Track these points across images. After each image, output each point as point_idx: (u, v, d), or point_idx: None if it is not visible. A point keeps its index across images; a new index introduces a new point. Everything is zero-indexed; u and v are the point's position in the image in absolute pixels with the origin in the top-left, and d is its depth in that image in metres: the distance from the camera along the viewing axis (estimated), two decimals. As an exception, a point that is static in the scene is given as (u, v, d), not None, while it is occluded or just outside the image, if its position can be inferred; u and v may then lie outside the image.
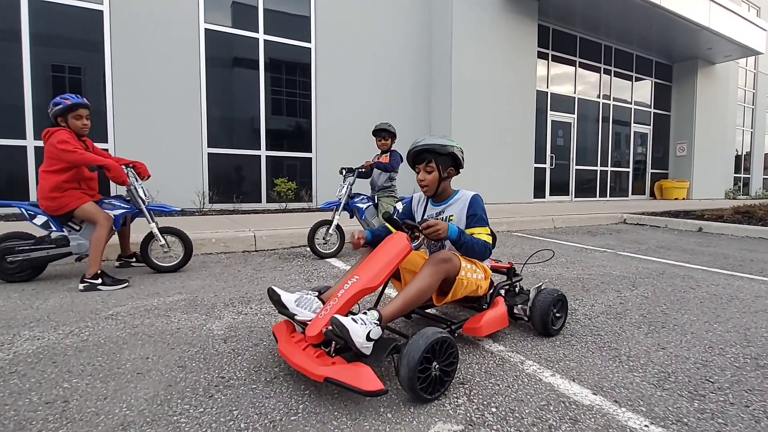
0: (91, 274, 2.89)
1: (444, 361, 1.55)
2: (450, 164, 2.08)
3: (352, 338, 1.47)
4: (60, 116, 2.99)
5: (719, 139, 15.17)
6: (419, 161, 2.05)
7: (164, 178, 6.73)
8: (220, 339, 2.08)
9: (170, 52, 6.91)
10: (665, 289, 3.14)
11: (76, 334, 2.11)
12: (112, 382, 1.64)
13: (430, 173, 2.04)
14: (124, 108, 6.62)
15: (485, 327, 1.97)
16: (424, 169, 2.04)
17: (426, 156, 2.01)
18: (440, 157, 2.03)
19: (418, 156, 2.04)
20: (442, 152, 2.02)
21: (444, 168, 2.06)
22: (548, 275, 3.51)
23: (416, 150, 2.03)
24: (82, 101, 3.03)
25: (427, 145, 2.00)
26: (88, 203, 3.04)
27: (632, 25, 11.44)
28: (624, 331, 2.27)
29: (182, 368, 1.76)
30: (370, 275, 1.73)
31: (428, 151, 2.01)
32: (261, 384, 1.63)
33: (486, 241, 1.99)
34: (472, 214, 2.05)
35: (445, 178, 2.09)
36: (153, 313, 2.45)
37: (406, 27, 9.08)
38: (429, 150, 2.01)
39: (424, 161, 2.02)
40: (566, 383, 1.69)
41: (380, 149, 4.51)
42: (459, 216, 2.06)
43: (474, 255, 1.96)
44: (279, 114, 8.10)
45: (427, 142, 2.01)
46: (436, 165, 2.03)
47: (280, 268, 3.69)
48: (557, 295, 2.16)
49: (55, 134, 2.91)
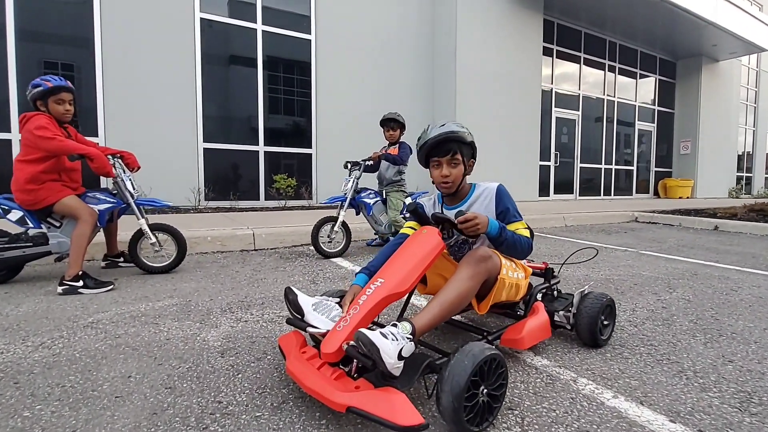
0: (71, 276, 2.58)
1: (493, 384, 1.26)
2: (471, 156, 1.77)
3: (383, 359, 1.17)
4: (39, 100, 2.68)
5: (723, 137, 14.97)
6: (441, 153, 1.66)
7: (157, 174, 6.41)
8: (217, 352, 1.78)
9: (163, 42, 6.58)
10: (705, 292, 2.86)
11: (47, 347, 1.81)
12: (84, 409, 1.34)
13: (456, 167, 1.69)
14: (114, 100, 6.29)
15: (527, 338, 1.68)
16: (448, 162, 1.68)
17: (451, 146, 1.65)
18: (464, 146, 1.70)
19: (440, 147, 1.66)
20: (467, 141, 1.70)
21: (467, 160, 1.75)
22: (574, 276, 3.23)
23: (439, 139, 1.64)
24: (65, 84, 2.72)
25: (452, 132, 1.65)
26: (69, 197, 2.73)
27: (637, 20, 11.21)
28: (679, 341, 1.99)
29: (171, 390, 1.46)
30: (398, 278, 1.44)
31: (454, 140, 1.66)
32: (267, 411, 1.34)
33: (527, 236, 1.69)
34: (503, 210, 1.72)
35: (468, 173, 1.78)
36: (139, 321, 2.15)
37: (409, 19, 8.78)
38: (454, 139, 1.66)
39: (448, 153, 1.65)
40: (634, 407, 1.40)
41: (388, 141, 4.23)
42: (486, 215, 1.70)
43: (516, 253, 1.66)
44: (277, 108, 7.79)
45: (451, 129, 1.65)
46: (462, 157, 1.70)
47: (282, 269, 3.39)
48: (606, 300, 1.88)
49: (33, 119, 2.60)
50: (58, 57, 6.14)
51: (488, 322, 2.23)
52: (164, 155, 6.56)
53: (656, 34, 12.33)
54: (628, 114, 13.40)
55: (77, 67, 6.22)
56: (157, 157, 6.47)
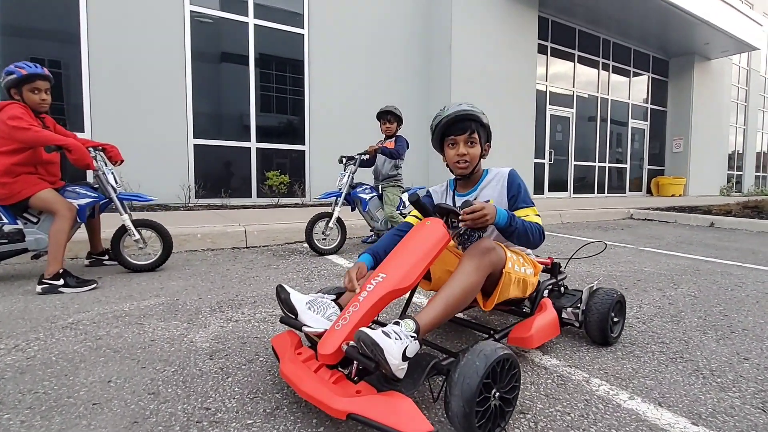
0: (51, 274, 2.44)
1: (505, 387, 1.16)
2: (486, 139, 1.71)
3: (387, 359, 1.07)
4: (13, 88, 2.53)
5: (715, 135, 15.06)
6: (458, 131, 1.61)
7: (146, 170, 6.24)
8: (205, 354, 1.66)
9: (152, 36, 6.39)
10: (710, 288, 2.79)
11: (21, 349, 1.68)
12: (58, 418, 1.22)
13: (473, 146, 1.64)
14: (101, 95, 6.09)
15: (536, 337, 1.59)
16: (465, 141, 1.62)
17: (469, 125, 1.60)
18: (481, 128, 1.65)
19: (456, 125, 1.61)
20: (484, 123, 1.65)
21: (483, 142, 1.69)
22: (576, 273, 3.15)
23: (458, 116, 1.59)
24: (41, 72, 2.57)
25: (470, 111, 1.60)
26: (46, 190, 2.58)
27: (631, 16, 11.19)
28: (690, 338, 1.91)
29: (154, 396, 1.35)
30: (401, 273, 1.34)
31: (471, 119, 1.61)
32: (259, 418, 1.23)
33: (538, 223, 1.60)
34: (514, 194, 1.65)
35: (484, 156, 1.71)
36: (123, 321, 2.02)
37: (404, 14, 8.66)
38: (472, 118, 1.61)
39: (465, 131, 1.60)
40: (653, 409, 1.31)
41: (384, 134, 4.11)
42: (498, 199, 1.65)
43: (528, 242, 1.55)
44: (269, 105, 7.64)
45: (467, 108, 1.60)
46: (479, 137, 1.64)
47: (274, 266, 3.27)
48: (617, 296, 1.79)
49: (6, 109, 2.45)
50: (45, 53, 5.92)
51: (492, 320, 2.14)
52: (153, 151, 6.39)
53: (649, 32, 12.34)
54: (621, 112, 13.41)
55: (64, 63, 6.02)
56: (146, 153, 6.30)
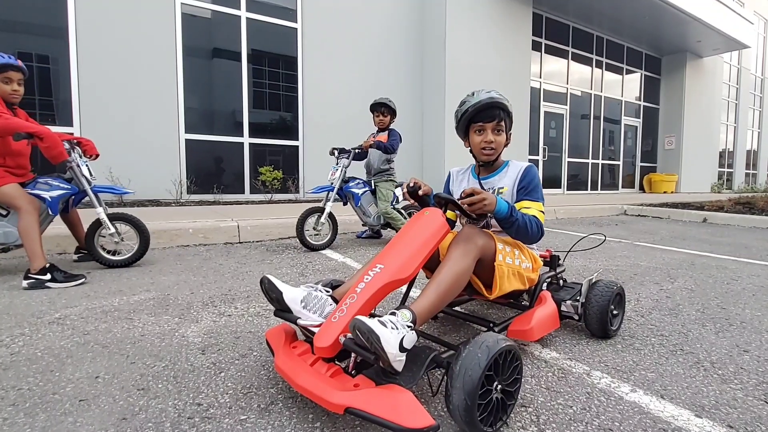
0: (36, 269, 2.37)
1: (507, 379, 1.13)
2: (509, 129, 1.71)
3: (384, 349, 1.03)
4: None
5: (706, 133, 15.18)
6: (487, 118, 1.62)
7: (136, 165, 6.15)
8: (197, 349, 1.61)
9: (142, 30, 6.27)
10: (706, 281, 2.79)
11: (5, 345, 1.62)
12: (42, 415, 1.17)
13: (500, 134, 1.65)
14: (90, 91, 5.97)
15: (536, 330, 1.56)
16: (493, 128, 1.63)
17: (497, 113, 1.61)
18: (507, 117, 1.66)
19: (486, 112, 1.61)
20: (509, 112, 1.66)
21: (508, 130, 1.70)
22: (572, 267, 3.14)
23: (489, 103, 1.59)
24: (14, 62, 2.48)
25: (499, 100, 1.60)
26: (9, 185, 2.48)
27: (624, 13, 11.21)
28: (689, 331, 1.89)
29: (143, 392, 1.30)
30: (399, 264, 1.30)
31: (500, 107, 1.61)
32: (253, 413, 1.19)
33: (537, 217, 1.57)
34: (525, 186, 1.65)
35: (507, 144, 1.72)
36: (112, 316, 1.96)
37: (399, 10, 8.59)
38: (501, 106, 1.61)
39: (494, 119, 1.61)
40: (656, 402, 1.29)
41: (378, 127, 4.05)
42: (511, 188, 1.68)
43: (526, 236, 1.54)
44: (262, 100, 7.55)
45: (496, 96, 1.60)
46: (505, 126, 1.66)
47: (268, 261, 3.22)
48: (616, 288, 1.77)
49: None
50: (32, 48, 5.79)
51: (491, 313, 2.11)
52: (144, 146, 6.28)
53: (642, 29, 12.38)
54: (614, 109, 13.47)
55: (53, 58, 5.89)
56: (137, 148, 6.20)
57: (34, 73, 5.77)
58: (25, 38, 5.75)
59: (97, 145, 2.93)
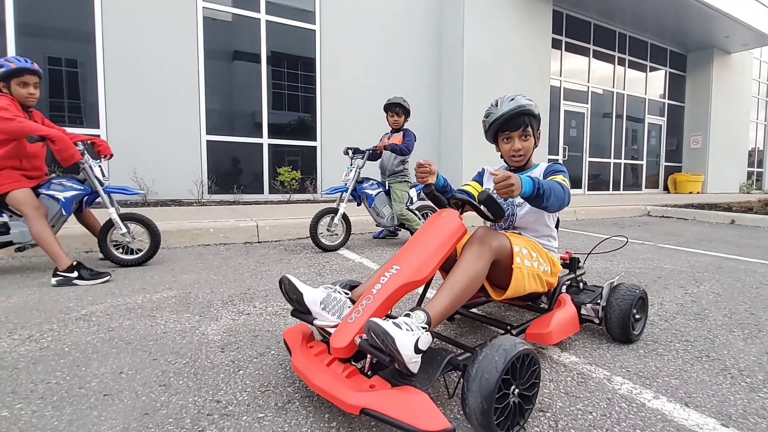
0: (63, 267, 2.46)
1: (525, 384, 1.12)
2: (538, 127, 1.72)
3: (399, 351, 1.03)
4: (1, 81, 2.53)
5: (734, 131, 14.66)
6: (513, 127, 1.64)
7: (159, 166, 6.30)
8: (217, 347, 1.65)
9: (165, 34, 6.43)
10: (734, 285, 2.70)
11: (35, 340, 1.68)
12: (69, 409, 1.21)
13: (527, 140, 1.68)
14: (115, 93, 6.14)
15: (555, 333, 1.53)
16: (519, 136, 1.66)
17: (522, 120, 1.64)
18: (534, 119, 1.68)
19: (511, 121, 1.63)
20: (535, 114, 1.67)
21: (536, 131, 1.71)
22: (593, 269, 3.08)
23: (512, 114, 1.61)
24: (31, 66, 2.57)
25: (523, 107, 1.62)
26: (20, 190, 2.55)
27: (647, 10, 10.94)
28: (716, 336, 1.84)
29: (165, 388, 1.33)
30: (415, 265, 1.30)
31: (525, 113, 1.63)
32: (270, 411, 1.20)
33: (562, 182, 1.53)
34: (551, 171, 1.67)
35: (536, 145, 1.74)
36: (135, 313, 2.02)
37: (416, 8, 8.58)
38: (525, 113, 1.63)
39: (519, 127, 1.64)
40: (679, 409, 1.26)
41: (392, 127, 4.04)
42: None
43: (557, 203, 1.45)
44: (281, 101, 7.63)
45: (521, 103, 1.62)
46: (532, 129, 1.68)
47: (286, 261, 3.26)
48: (639, 292, 1.73)
49: None
50: (61, 52, 5.99)
51: (509, 315, 2.09)
52: (166, 147, 6.43)
53: (667, 25, 12.04)
54: (637, 107, 13.14)
55: (81, 62, 6.07)
56: (160, 149, 6.35)
57: (63, 77, 5.97)
58: (55, 43, 5.95)
59: (121, 146, 3.03)
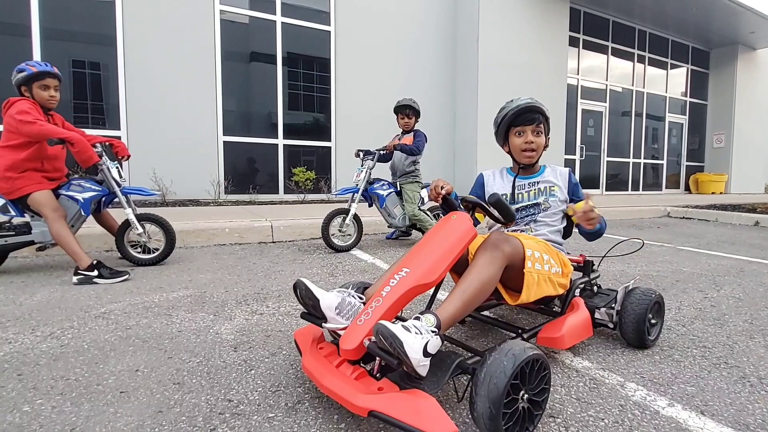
0: (84, 266, 2.53)
1: (534, 389, 1.11)
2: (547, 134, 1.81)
3: (408, 354, 1.03)
4: (23, 85, 2.61)
5: (760, 130, 14.21)
6: (526, 121, 1.74)
7: (177, 167, 6.42)
8: (230, 346, 1.67)
9: (183, 36, 6.55)
10: (757, 290, 2.62)
11: (56, 337, 1.74)
12: (87, 405, 1.24)
13: (539, 136, 1.77)
14: (136, 95, 6.29)
15: (568, 337, 1.52)
16: (532, 130, 1.75)
17: (536, 116, 1.74)
18: (546, 122, 1.79)
19: (525, 116, 1.73)
20: (547, 117, 1.78)
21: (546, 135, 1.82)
22: (609, 272, 3.03)
23: (527, 107, 1.72)
24: (51, 70, 2.64)
25: (537, 104, 1.74)
26: (41, 192, 2.63)
27: (669, 6, 10.68)
28: (735, 343, 1.79)
29: (179, 386, 1.36)
30: (425, 268, 1.30)
31: (539, 111, 1.74)
32: (280, 411, 1.22)
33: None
34: (573, 190, 1.84)
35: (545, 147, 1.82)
36: (152, 312, 2.07)
37: (431, 8, 8.55)
38: (539, 111, 1.74)
39: (533, 122, 1.74)
40: (695, 418, 1.23)
41: (402, 128, 4.05)
42: (563, 185, 1.82)
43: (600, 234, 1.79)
44: (296, 102, 7.71)
45: (532, 101, 1.73)
46: (544, 129, 1.78)
47: (299, 261, 3.29)
48: (655, 296, 1.69)
49: (16, 104, 2.54)
50: (84, 55, 6.15)
51: (520, 318, 2.07)
52: (184, 148, 6.56)
53: (689, 22, 11.74)
54: (658, 105, 12.85)
55: (103, 65, 6.23)
56: (178, 150, 6.48)
57: (86, 79, 6.13)
58: (78, 46, 6.12)
59: (141, 147, 3.10)
